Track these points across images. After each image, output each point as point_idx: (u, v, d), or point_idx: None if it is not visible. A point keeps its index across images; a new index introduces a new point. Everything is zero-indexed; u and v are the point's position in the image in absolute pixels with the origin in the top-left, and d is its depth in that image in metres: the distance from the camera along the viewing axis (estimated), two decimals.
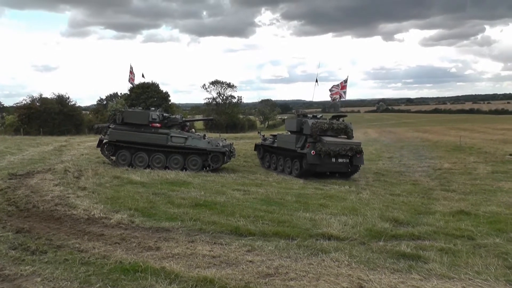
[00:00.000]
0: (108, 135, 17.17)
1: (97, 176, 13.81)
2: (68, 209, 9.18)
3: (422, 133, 47.01)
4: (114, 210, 9.25)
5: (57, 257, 6.26)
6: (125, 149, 17.01)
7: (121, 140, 16.89)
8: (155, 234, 7.61)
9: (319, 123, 16.24)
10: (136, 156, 16.89)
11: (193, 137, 16.98)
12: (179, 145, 16.71)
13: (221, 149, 16.78)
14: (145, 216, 8.84)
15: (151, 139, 16.70)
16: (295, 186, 13.81)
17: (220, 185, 13.13)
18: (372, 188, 13.85)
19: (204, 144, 16.79)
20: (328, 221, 8.67)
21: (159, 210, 9.38)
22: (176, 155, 16.79)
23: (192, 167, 16.70)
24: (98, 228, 7.93)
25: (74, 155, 20.98)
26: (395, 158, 23.29)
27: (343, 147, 15.64)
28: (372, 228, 8.26)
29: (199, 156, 16.81)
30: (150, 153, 16.82)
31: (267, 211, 9.56)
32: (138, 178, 13.77)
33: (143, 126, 16.91)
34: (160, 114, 17.36)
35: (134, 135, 16.77)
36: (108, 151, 17.28)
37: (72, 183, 12.28)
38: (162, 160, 16.75)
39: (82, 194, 10.88)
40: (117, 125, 17.16)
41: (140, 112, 17.28)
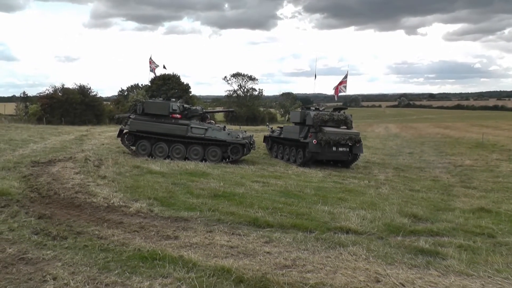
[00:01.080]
0: (128, 125, 17.35)
1: (117, 165, 13.98)
2: (88, 197, 9.33)
3: (443, 129, 46.42)
4: (134, 199, 9.37)
5: (77, 243, 6.38)
6: (145, 139, 17.15)
7: (141, 130, 17.04)
8: (174, 224, 7.69)
9: (320, 114, 17.29)
10: (156, 146, 17.03)
11: (213, 128, 17.04)
12: (199, 136, 16.80)
13: (241, 140, 16.83)
14: (164, 205, 8.92)
15: (171, 129, 16.81)
16: (314, 179, 13.81)
17: (239, 177, 13.19)
18: (391, 183, 13.75)
19: (224, 136, 16.86)
20: (347, 215, 8.66)
21: (178, 200, 9.46)
22: (196, 146, 16.88)
23: (211, 158, 16.79)
24: (117, 216, 8.05)
25: (94, 144, 21.26)
26: (416, 154, 23.06)
27: (342, 137, 16.86)
28: (391, 223, 8.22)
29: (219, 148, 16.89)
30: (170, 143, 16.94)
31: (286, 203, 9.59)
32: (158, 168, 13.90)
33: (163, 116, 17.03)
34: (180, 105, 17.48)
35: (154, 126, 16.90)
36: (129, 141, 17.46)
37: (92, 172, 12.46)
38: (182, 151, 16.87)
39: (102, 182, 11.04)
40: (137, 115, 17.32)
41: (161, 102, 17.39)
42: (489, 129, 44.64)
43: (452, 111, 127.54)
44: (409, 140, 32.42)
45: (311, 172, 15.72)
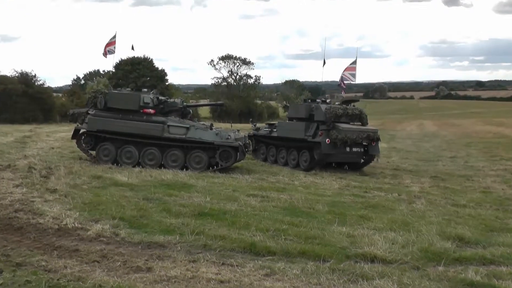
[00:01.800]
0: (86, 124, 17.30)
1: (71, 175, 13.89)
2: (32, 217, 9.23)
3: (496, 126, 46.59)
4: (93, 219, 9.29)
5: (16, 278, 6.29)
6: (108, 141, 17.14)
7: (103, 130, 17.00)
8: (146, 251, 7.63)
9: (333, 108, 17.96)
10: (123, 150, 17.03)
11: (196, 127, 17.02)
12: (179, 137, 16.76)
13: (232, 142, 16.79)
14: (133, 227, 8.87)
15: (143, 129, 16.78)
16: (327, 192, 13.81)
17: (231, 189, 13.16)
18: (428, 196, 13.75)
19: (211, 136, 16.82)
20: (371, 238, 8.64)
21: (151, 220, 9.41)
22: (174, 150, 16.87)
23: (195, 165, 16.78)
24: (71, 241, 7.96)
25: (41, 148, 21.19)
26: (460, 158, 23.12)
27: (360, 135, 17.67)
28: (429, 249, 8.19)
29: (205, 152, 16.88)
30: (141, 147, 16.93)
31: (292, 224, 9.56)
32: (125, 178, 13.86)
33: (132, 112, 16.96)
34: (154, 97, 17.43)
35: (121, 124, 16.86)
36: (87, 144, 17.43)
37: (38, 184, 12.36)
38: (157, 156, 16.87)
39: (52, 198, 10.95)
40: (98, 111, 17.28)
41: (129, 94, 17.37)
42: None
43: (507, 103, 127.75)
44: (451, 141, 32.49)
45: (324, 182, 15.72)
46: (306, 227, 9.37)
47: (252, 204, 11.32)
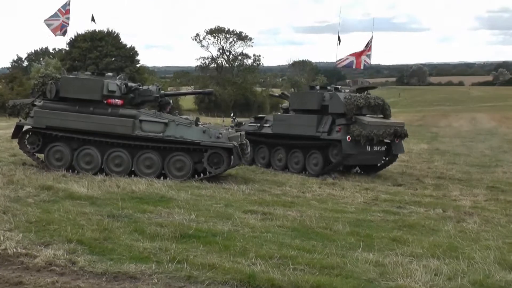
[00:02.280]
0: (31, 118, 17.30)
1: (12, 185, 13.89)
2: None
3: None
4: (42, 242, 9.25)
5: None
6: (61, 141, 17.15)
7: (54, 126, 16.97)
8: (112, 285, 7.65)
9: (354, 97, 18.54)
10: (81, 153, 17.06)
11: (177, 122, 16.94)
12: (154, 135, 16.74)
13: (225, 143, 16.73)
14: (95, 253, 8.84)
15: (107, 125, 16.76)
16: (349, 208, 13.80)
17: (222, 204, 13.18)
18: (484, 212, 13.75)
19: (197, 135, 16.79)
20: (407, 268, 8.60)
21: (119, 243, 9.38)
22: (148, 153, 16.90)
23: (175, 172, 16.83)
24: (13, 271, 7.93)
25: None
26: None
27: (386, 130, 18.38)
28: (485, 281, 8.19)
29: (188, 155, 16.88)
30: (105, 148, 16.96)
31: (302, 249, 9.56)
32: (84, 189, 13.85)
33: (93, 103, 16.91)
34: (122, 83, 17.42)
35: (77, 119, 16.82)
36: (32, 145, 17.42)
37: None
38: (125, 161, 16.93)
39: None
40: (47, 102, 17.28)
41: (88, 80, 17.35)
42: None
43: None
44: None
45: (345, 194, 15.73)
46: (321, 253, 9.33)
47: (250, 224, 11.29)
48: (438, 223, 12.34)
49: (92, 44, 60.41)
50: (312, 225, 11.40)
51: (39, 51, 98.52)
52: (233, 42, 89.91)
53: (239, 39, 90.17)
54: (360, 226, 11.61)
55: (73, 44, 60.71)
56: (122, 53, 61.84)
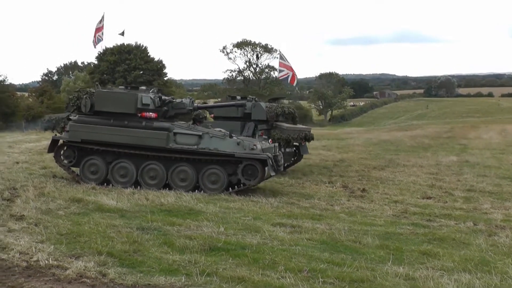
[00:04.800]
0: (67, 132, 17.35)
1: (42, 198, 13.98)
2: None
3: None
4: (73, 254, 9.34)
5: None
6: (96, 155, 17.23)
7: (90, 140, 17.03)
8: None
9: (274, 107, 21.88)
10: (116, 166, 17.13)
11: (211, 134, 16.86)
12: (189, 148, 16.75)
13: (259, 154, 16.68)
14: (125, 265, 8.91)
15: (141, 138, 16.76)
16: (378, 221, 13.72)
17: (251, 217, 13.16)
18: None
19: (231, 147, 16.68)
20: (437, 282, 8.58)
21: (148, 256, 9.44)
22: (183, 166, 16.89)
23: (210, 185, 16.77)
24: (44, 283, 8.01)
25: (3, 163, 21.35)
26: None
27: (299, 134, 21.85)
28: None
29: (222, 167, 16.82)
30: (140, 161, 17.00)
31: (332, 262, 9.54)
32: (113, 202, 13.93)
33: (127, 116, 16.93)
34: (156, 97, 17.39)
35: (112, 132, 16.87)
36: (68, 159, 17.49)
37: (0, 209, 12.47)
38: (160, 174, 16.93)
39: (18, 227, 11.02)
40: (82, 116, 17.34)
41: (123, 93, 17.30)
42: None
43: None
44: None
45: (373, 207, 15.65)
46: (351, 266, 9.32)
47: (279, 236, 11.28)
48: (469, 236, 12.20)
49: (120, 57, 60.50)
50: (341, 238, 11.36)
51: (69, 65, 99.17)
52: (260, 54, 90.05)
53: (265, 51, 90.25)
54: (389, 239, 11.55)
55: (101, 57, 60.97)
56: (150, 66, 61.92)
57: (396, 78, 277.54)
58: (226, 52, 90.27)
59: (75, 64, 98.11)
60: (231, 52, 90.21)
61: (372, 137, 43.18)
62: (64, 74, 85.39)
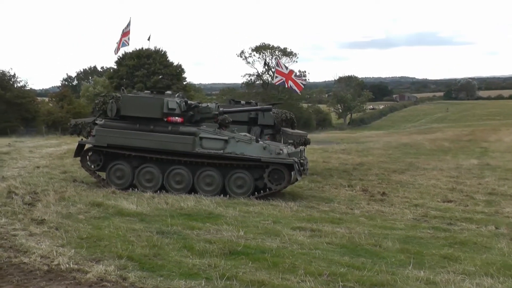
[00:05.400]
0: (93, 137, 17.45)
1: (63, 202, 14.06)
2: (14, 255, 9.39)
3: None
4: (93, 258, 9.39)
5: None
6: (122, 159, 17.32)
7: (116, 144, 17.14)
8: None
9: (281, 112, 22.57)
10: (142, 171, 17.20)
11: (237, 139, 16.88)
12: (215, 153, 16.76)
13: (286, 159, 16.64)
14: (145, 269, 8.95)
15: (167, 142, 16.82)
16: (398, 224, 13.67)
17: (270, 221, 13.15)
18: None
19: (257, 151, 16.68)
20: (459, 286, 8.56)
21: (168, 260, 9.47)
22: (209, 170, 16.91)
23: (236, 190, 16.79)
24: (65, 287, 8.06)
25: (23, 167, 21.52)
26: None
27: (301, 139, 21.80)
28: None
29: (249, 172, 16.84)
30: (166, 166, 17.05)
31: (352, 266, 9.52)
32: (133, 206, 14.00)
33: (153, 121, 17.00)
34: (181, 101, 17.40)
35: (138, 137, 16.94)
36: (94, 163, 17.56)
37: (21, 213, 12.55)
38: (186, 178, 16.95)
39: (39, 230, 11.08)
40: (108, 120, 17.42)
41: (149, 98, 17.41)
42: None
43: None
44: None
45: (393, 211, 15.62)
46: (371, 270, 9.29)
47: (299, 240, 11.28)
48: (490, 240, 12.12)
49: (139, 62, 60.61)
50: (361, 242, 11.34)
51: (88, 70, 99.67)
52: (279, 58, 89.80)
53: (284, 54, 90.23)
54: (410, 243, 11.51)
55: (120, 62, 61.17)
56: (169, 71, 61.99)
57: (415, 81, 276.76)
58: (244, 57, 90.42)
59: (95, 69, 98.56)
60: (250, 56, 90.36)
61: (392, 141, 43.07)
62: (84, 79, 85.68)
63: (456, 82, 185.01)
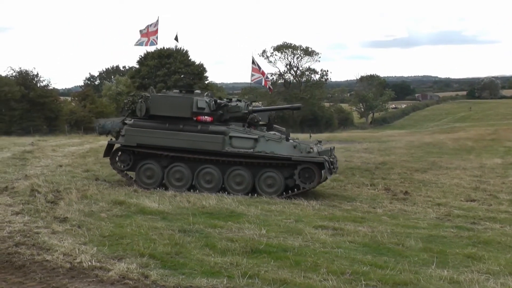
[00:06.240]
0: (123, 136, 17.50)
1: (85, 200, 14.16)
2: (37, 252, 9.46)
3: None
4: (115, 256, 9.46)
5: None
6: (152, 159, 17.40)
7: (145, 144, 17.20)
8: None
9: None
10: (171, 170, 17.26)
11: (267, 138, 16.85)
12: (245, 151, 16.74)
13: (316, 157, 16.57)
14: (167, 267, 8.98)
15: (197, 142, 16.83)
16: (421, 224, 13.63)
17: (292, 219, 13.16)
18: None
19: (288, 150, 16.63)
20: (483, 286, 8.51)
21: (190, 258, 9.50)
22: (239, 169, 16.93)
23: (266, 189, 16.80)
24: (88, 284, 8.11)
25: (46, 166, 21.65)
26: None
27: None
28: None
29: (279, 171, 16.82)
30: (195, 165, 17.11)
31: (374, 265, 9.50)
32: (155, 204, 14.05)
33: (183, 120, 17.02)
34: (211, 100, 17.42)
35: (168, 136, 17.00)
36: (123, 163, 17.67)
37: (44, 211, 12.65)
38: (216, 177, 17.00)
39: (61, 228, 11.18)
40: (138, 120, 17.47)
41: (178, 97, 17.42)
42: None
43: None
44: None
45: (416, 210, 15.58)
46: (394, 269, 9.27)
47: (321, 239, 11.27)
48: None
49: (160, 61, 60.72)
50: (383, 241, 11.32)
51: (110, 70, 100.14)
52: (300, 57, 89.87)
53: (306, 54, 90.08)
54: (433, 242, 11.48)
55: (142, 62, 61.33)
56: (190, 70, 62.04)
57: (438, 80, 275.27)
58: (266, 56, 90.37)
59: (117, 68, 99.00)
60: (271, 56, 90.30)
61: (414, 140, 42.82)
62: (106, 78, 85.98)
63: (479, 81, 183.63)
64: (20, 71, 51.77)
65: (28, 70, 52.48)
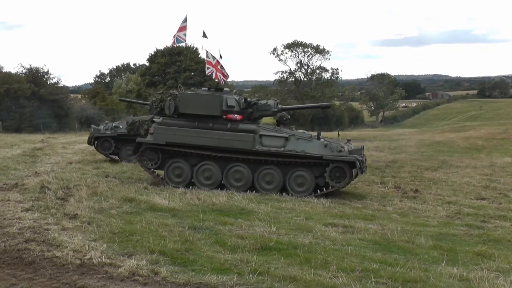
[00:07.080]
0: (151, 135, 17.44)
1: (95, 197, 14.21)
2: (47, 249, 9.49)
3: None
4: (125, 252, 9.49)
5: None
6: (180, 157, 17.36)
7: (174, 142, 17.13)
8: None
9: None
10: (200, 169, 17.22)
11: (298, 136, 16.76)
12: (275, 150, 16.64)
13: (347, 156, 16.44)
14: (177, 264, 8.99)
15: (227, 140, 16.75)
16: (431, 221, 13.61)
17: (303, 217, 13.15)
18: None
19: (318, 149, 16.49)
20: (493, 283, 8.47)
21: (200, 255, 9.52)
22: (269, 168, 16.89)
23: (297, 188, 16.74)
24: (98, 280, 8.12)
25: (56, 163, 21.77)
26: None
27: None
28: None
29: (309, 170, 16.76)
30: (225, 163, 17.06)
31: (384, 262, 9.49)
32: (165, 201, 14.07)
33: (212, 118, 16.98)
34: (240, 99, 17.40)
35: (197, 134, 16.91)
36: (152, 161, 17.54)
37: (54, 208, 12.71)
38: (246, 176, 16.95)
39: (71, 225, 11.22)
40: (166, 118, 17.44)
41: (208, 95, 17.31)
42: None
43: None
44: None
45: (426, 208, 15.53)
46: (404, 267, 9.25)
47: (331, 236, 11.26)
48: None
49: (170, 59, 60.74)
50: (393, 239, 11.30)
51: (121, 67, 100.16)
52: (311, 55, 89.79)
53: (316, 52, 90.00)
54: (443, 240, 11.45)
55: (152, 59, 61.40)
56: (201, 67, 62.02)
57: (449, 79, 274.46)
58: (276, 54, 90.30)
59: (128, 66, 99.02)
60: (282, 54, 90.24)
61: (425, 138, 42.77)
62: (116, 76, 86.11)
63: (490, 80, 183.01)
64: (30, 68, 51.99)
65: (39, 67, 52.76)
